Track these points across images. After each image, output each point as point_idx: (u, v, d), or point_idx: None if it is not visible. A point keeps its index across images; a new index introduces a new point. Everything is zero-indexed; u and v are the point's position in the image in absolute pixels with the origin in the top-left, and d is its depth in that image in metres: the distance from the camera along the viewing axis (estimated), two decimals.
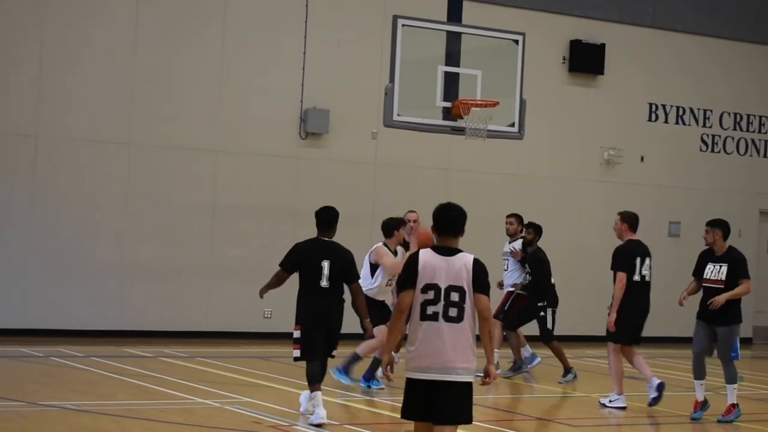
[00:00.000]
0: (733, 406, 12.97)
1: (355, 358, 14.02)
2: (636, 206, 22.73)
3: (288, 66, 19.83)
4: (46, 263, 18.24)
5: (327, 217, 11.77)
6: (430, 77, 14.41)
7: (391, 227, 14.06)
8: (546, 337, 15.87)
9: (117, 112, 18.76)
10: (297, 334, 11.62)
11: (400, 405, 7.60)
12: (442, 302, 7.41)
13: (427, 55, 14.72)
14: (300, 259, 11.65)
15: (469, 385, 7.48)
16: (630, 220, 13.96)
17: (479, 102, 14.41)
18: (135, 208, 18.83)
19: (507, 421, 12.83)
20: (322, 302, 11.56)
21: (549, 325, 15.90)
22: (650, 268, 13.90)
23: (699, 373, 13.11)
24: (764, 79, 24.30)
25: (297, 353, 11.60)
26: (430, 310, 7.42)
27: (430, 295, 7.42)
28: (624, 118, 22.90)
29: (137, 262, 18.82)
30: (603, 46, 22.36)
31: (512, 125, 15.14)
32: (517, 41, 15.27)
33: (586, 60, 22.27)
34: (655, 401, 13.60)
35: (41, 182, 18.29)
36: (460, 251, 7.55)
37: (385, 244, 13.99)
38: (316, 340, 11.54)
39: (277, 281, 11.79)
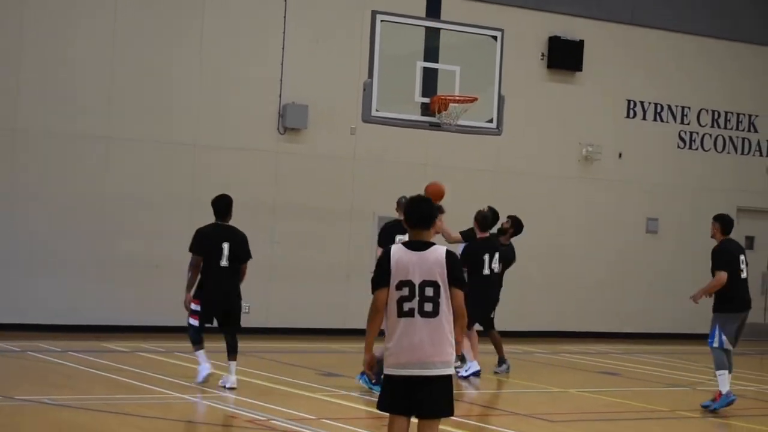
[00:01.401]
0: (721, 393, 12.98)
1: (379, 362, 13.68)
2: (614, 203, 23.03)
3: (267, 61, 19.80)
4: (23, 258, 18.17)
5: (221, 206, 13.23)
6: (408, 73, 14.42)
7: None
8: (487, 326, 15.69)
9: (95, 107, 18.70)
10: (195, 306, 13.07)
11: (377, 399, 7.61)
12: (417, 298, 7.36)
13: (405, 51, 14.72)
14: (204, 242, 13.06)
15: (448, 378, 7.46)
16: (480, 219, 15.07)
17: (457, 98, 14.43)
18: (113, 203, 18.77)
19: (485, 416, 12.86)
20: (222, 279, 13.02)
21: (491, 314, 15.89)
22: (499, 262, 14.96)
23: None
24: (742, 76, 24.36)
25: (194, 322, 13.12)
26: (406, 306, 7.36)
27: (405, 291, 7.36)
28: (602, 115, 22.94)
29: (115, 257, 18.76)
30: (581, 42, 22.39)
31: (490, 121, 15.18)
32: (495, 37, 15.29)
33: (564, 56, 22.29)
34: (464, 378, 14.56)
35: (19, 176, 18.21)
36: (433, 244, 7.49)
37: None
38: (215, 312, 13.08)
39: (195, 269, 13.09)
